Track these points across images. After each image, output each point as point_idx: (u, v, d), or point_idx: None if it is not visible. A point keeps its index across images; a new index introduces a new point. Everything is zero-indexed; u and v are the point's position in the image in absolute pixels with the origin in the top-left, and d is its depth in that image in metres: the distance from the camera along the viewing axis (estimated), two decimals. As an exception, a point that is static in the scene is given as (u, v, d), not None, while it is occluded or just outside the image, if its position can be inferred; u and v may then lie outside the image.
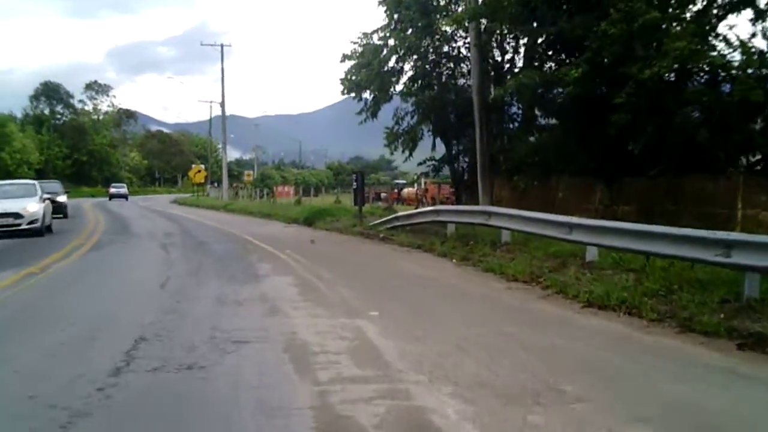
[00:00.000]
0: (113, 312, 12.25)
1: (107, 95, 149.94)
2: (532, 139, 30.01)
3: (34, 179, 48.46)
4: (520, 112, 32.25)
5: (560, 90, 25.22)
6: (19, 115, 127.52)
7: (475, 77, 27.53)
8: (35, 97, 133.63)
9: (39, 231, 28.65)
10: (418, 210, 28.58)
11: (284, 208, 49.59)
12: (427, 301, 13.30)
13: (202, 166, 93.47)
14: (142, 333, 10.21)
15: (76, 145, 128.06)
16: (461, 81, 34.00)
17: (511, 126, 32.53)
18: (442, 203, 65.11)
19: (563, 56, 26.93)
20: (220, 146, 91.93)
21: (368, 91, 34.05)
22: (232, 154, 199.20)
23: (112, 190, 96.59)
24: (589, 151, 24.72)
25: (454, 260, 19.50)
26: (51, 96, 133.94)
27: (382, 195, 74.66)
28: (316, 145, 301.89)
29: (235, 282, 15.65)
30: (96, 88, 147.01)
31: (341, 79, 34.37)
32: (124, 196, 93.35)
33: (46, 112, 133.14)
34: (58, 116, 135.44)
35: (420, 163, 34.34)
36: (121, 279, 17.23)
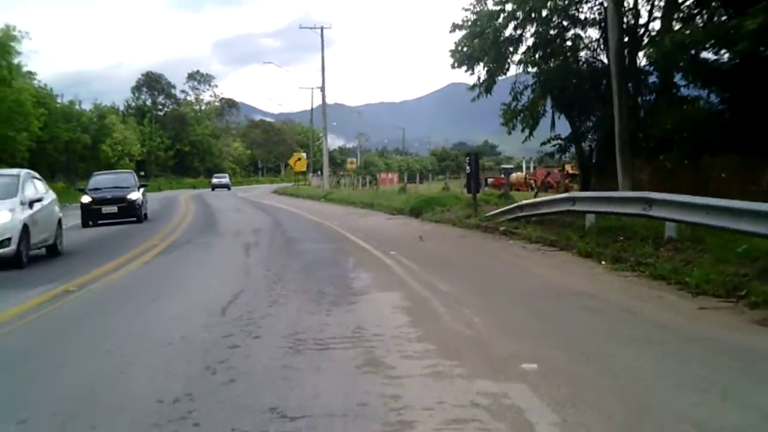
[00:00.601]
0: (118, 380, 7.79)
1: (209, 85, 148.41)
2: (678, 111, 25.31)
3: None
4: (657, 81, 27.71)
5: (723, 51, 20.79)
6: (121, 107, 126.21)
7: (613, 39, 22.80)
8: (137, 88, 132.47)
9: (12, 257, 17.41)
10: (547, 198, 23.97)
11: (388, 196, 45.46)
12: (601, 341, 8.86)
13: (303, 154, 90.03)
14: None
15: (177, 136, 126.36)
16: (585, 51, 29.51)
17: (648, 98, 27.86)
18: (550, 188, 61.38)
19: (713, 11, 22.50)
20: (322, 134, 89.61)
21: (482, 64, 29.63)
22: (335, 143, 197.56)
23: (214, 181, 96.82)
24: (760, 123, 20.11)
25: (603, 262, 15.18)
26: (153, 87, 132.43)
27: (489, 180, 70.03)
28: (419, 133, 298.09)
29: (323, 302, 11.51)
30: (198, 78, 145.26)
31: (451, 51, 30.03)
32: (226, 186, 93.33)
33: (148, 103, 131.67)
34: (160, 107, 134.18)
35: (544, 143, 29.68)
36: (171, 302, 12.59)
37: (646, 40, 27.02)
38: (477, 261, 17.17)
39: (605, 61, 27.57)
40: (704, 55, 23.74)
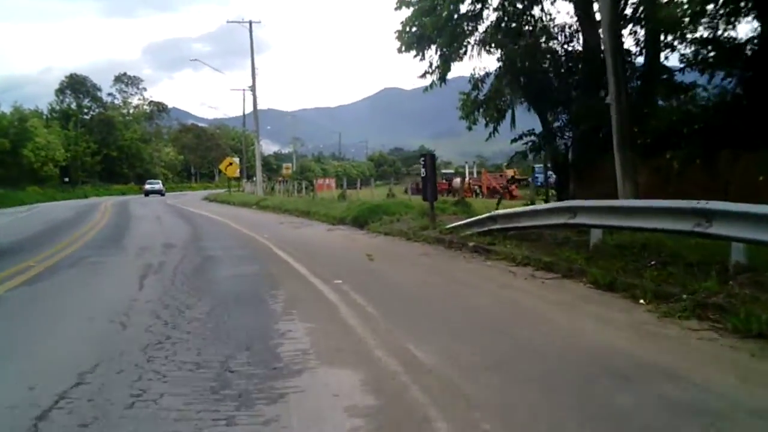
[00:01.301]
0: None
1: (137, 88, 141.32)
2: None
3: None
4: (645, 65, 23.42)
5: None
6: (45, 110, 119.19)
7: (606, 7, 18.11)
8: (61, 91, 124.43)
9: None
10: (531, 207, 19.02)
11: (326, 203, 40.56)
12: None
13: (236, 159, 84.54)
14: None
15: (105, 141, 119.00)
16: (558, 30, 24.84)
17: (634, 84, 23.31)
18: (496, 193, 57.25)
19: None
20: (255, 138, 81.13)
21: (434, 47, 24.87)
22: (270, 148, 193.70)
23: (147, 187, 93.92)
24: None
25: (642, 301, 10.49)
26: (77, 89, 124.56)
27: None
28: (354, 138, 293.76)
29: (226, 397, 6.61)
30: (125, 80, 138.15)
31: (398, 33, 25.30)
32: (159, 192, 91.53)
33: (73, 106, 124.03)
34: (86, 111, 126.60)
35: (515, 140, 24.73)
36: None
37: (630, 14, 22.61)
38: (456, 295, 12.27)
39: (582, 41, 23.15)
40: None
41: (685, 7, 18.98)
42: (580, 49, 23.70)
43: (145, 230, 29.24)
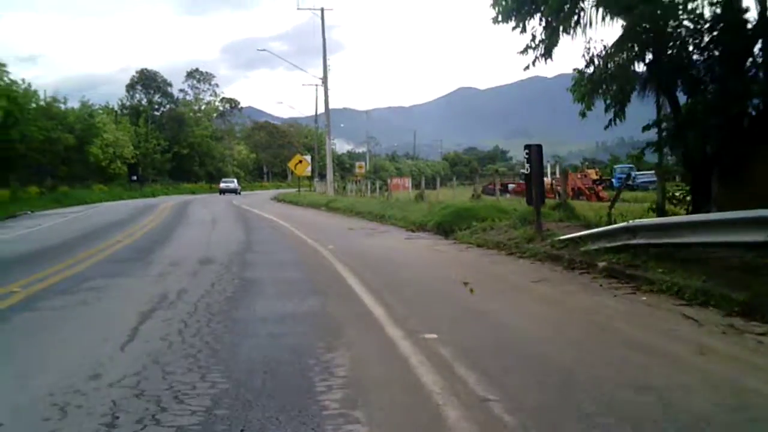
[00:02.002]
0: None
1: (209, 84, 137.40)
2: None
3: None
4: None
5: None
6: (115, 107, 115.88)
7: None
8: (131, 86, 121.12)
9: None
10: (703, 218, 13.60)
11: (403, 205, 35.53)
12: None
13: (307, 157, 79.82)
14: None
15: (175, 138, 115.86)
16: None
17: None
18: (581, 195, 52.38)
19: None
20: (333, 137, 77.52)
21: (538, 16, 19.65)
22: (344, 147, 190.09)
23: (222, 185, 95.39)
24: None
25: None
26: (148, 85, 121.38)
27: (510, 186, 63.41)
28: (428, 138, 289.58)
29: None
30: (197, 76, 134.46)
31: (493, 0, 20.16)
32: (235, 191, 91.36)
33: (144, 102, 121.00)
34: (156, 107, 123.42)
35: (647, 127, 19.22)
36: None
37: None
38: (633, 375, 7.02)
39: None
40: None
41: None
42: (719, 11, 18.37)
43: (191, 237, 24.83)
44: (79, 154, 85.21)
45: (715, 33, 18.32)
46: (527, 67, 20.34)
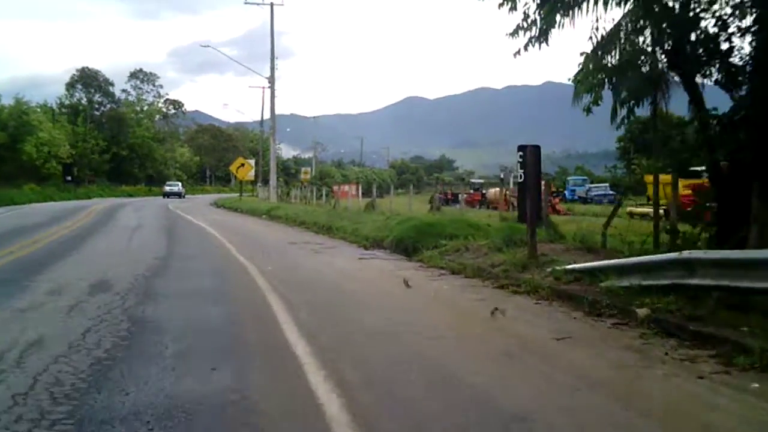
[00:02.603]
0: None
1: (153, 85, 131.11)
2: None
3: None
4: None
5: None
6: (54, 105, 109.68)
7: None
8: (71, 85, 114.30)
9: None
10: None
11: (353, 216, 31.19)
12: None
13: (251, 161, 74.81)
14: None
15: (115, 138, 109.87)
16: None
17: None
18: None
19: None
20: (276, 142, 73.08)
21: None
22: (290, 152, 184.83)
23: (166, 188, 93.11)
24: None
25: None
26: (89, 84, 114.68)
27: (460, 196, 57.74)
28: (375, 146, 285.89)
29: None
30: (141, 77, 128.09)
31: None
32: (179, 194, 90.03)
33: (84, 101, 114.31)
34: (97, 106, 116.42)
35: (687, 122, 14.94)
36: None
37: None
38: None
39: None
40: None
41: None
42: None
43: (100, 250, 20.31)
44: (11, 152, 79.74)
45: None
46: (518, 53, 16.07)
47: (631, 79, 14.80)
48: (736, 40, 14.50)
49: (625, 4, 14.54)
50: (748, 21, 14.17)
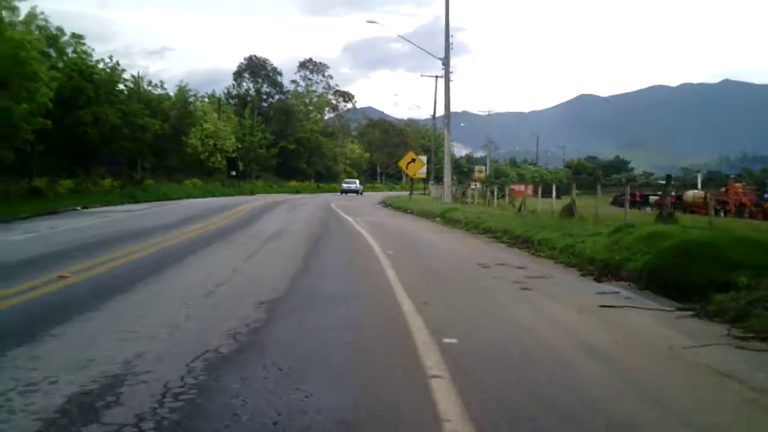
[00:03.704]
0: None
1: (323, 75, 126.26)
2: None
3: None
4: None
5: None
6: (222, 96, 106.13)
7: None
8: (238, 74, 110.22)
9: None
10: None
11: (552, 224, 23.49)
12: None
13: (422, 157, 66.86)
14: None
15: (282, 132, 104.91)
16: None
17: None
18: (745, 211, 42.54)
19: None
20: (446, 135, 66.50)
21: None
22: (461, 151, 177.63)
23: (345, 186, 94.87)
24: None
25: None
26: (256, 73, 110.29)
27: (652, 199, 55.86)
28: (545, 145, 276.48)
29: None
30: (310, 67, 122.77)
31: None
32: (356, 191, 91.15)
33: (252, 92, 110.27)
34: (264, 97, 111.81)
35: None
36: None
37: None
38: None
39: None
40: None
41: None
42: None
43: (180, 285, 12.79)
44: (174, 145, 75.10)
45: None
46: None
47: None
48: None
49: None
50: None
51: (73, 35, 55.82)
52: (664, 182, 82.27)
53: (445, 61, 46.04)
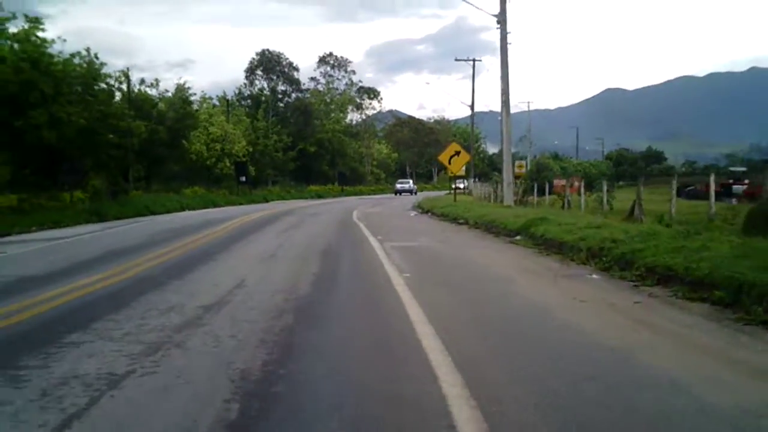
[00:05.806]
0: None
1: (345, 71, 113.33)
2: None
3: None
4: None
5: None
6: (232, 96, 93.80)
7: None
8: (250, 71, 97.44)
9: None
10: None
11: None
12: None
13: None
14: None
15: (300, 133, 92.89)
16: None
17: None
18: None
19: None
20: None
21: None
22: (489, 149, 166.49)
23: (398, 186, 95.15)
24: None
25: None
26: (270, 69, 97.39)
27: (736, 188, 48.43)
28: (573, 141, 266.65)
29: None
30: (331, 62, 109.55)
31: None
32: (410, 191, 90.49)
33: (266, 91, 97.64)
34: (280, 96, 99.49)
35: None
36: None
37: None
38: None
39: None
40: None
41: None
42: None
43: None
44: (172, 150, 62.81)
45: None
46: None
47: None
48: None
49: None
50: None
51: (27, 18, 43.23)
52: (741, 169, 69.03)
53: (501, 18, 32.92)
